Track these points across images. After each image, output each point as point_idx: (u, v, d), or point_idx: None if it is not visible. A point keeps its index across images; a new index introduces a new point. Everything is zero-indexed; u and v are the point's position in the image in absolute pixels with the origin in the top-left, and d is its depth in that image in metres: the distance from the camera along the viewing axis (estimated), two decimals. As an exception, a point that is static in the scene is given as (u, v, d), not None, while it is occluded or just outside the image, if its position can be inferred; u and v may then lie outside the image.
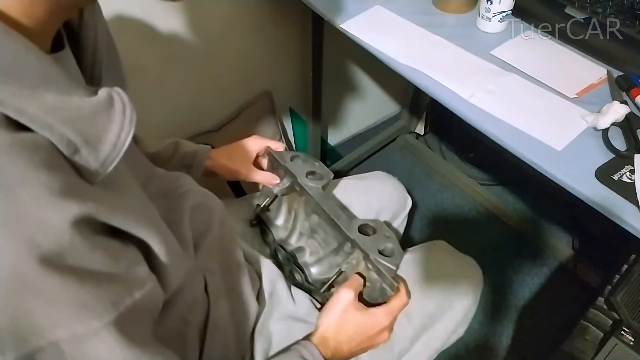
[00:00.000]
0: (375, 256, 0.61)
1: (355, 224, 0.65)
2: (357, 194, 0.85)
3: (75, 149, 0.31)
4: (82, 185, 0.31)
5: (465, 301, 0.77)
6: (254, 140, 0.78)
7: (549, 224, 1.50)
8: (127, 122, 0.34)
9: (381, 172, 0.97)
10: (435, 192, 1.62)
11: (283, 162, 0.73)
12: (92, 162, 0.32)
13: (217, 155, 0.77)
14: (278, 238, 0.76)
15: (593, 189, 0.62)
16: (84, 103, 0.32)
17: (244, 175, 0.76)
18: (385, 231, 0.65)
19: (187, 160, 0.75)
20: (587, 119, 0.69)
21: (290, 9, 1.14)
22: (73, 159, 0.31)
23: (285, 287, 0.69)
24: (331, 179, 0.73)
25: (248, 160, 0.77)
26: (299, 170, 0.72)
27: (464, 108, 0.73)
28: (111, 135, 0.33)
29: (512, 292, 1.36)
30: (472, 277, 0.80)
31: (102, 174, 0.33)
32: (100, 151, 0.32)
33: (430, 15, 0.91)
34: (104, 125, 0.33)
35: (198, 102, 1.13)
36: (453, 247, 0.87)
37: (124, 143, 0.34)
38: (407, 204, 0.96)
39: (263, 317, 0.66)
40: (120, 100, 0.34)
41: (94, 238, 0.31)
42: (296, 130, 1.45)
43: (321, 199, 0.68)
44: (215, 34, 1.04)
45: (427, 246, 0.86)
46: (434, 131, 1.79)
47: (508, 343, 1.26)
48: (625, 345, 0.68)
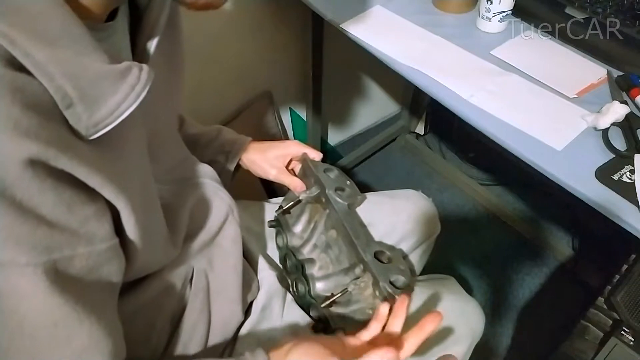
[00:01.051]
0: (385, 284, 0.59)
1: (372, 248, 0.63)
2: (382, 213, 0.80)
3: (70, 102, 0.32)
4: (58, 131, 0.32)
5: (460, 348, 0.72)
6: (294, 145, 0.76)
7: (549, 224, 1.50)
8: (133, 95, 0.35)
9: (414, 192, 0.88)
10: (435, 192, 1.62)
11: (316, 171, 0.71)
12: (85, 120, 0.33)
13: (252, 150, 0.76)
14: (291, 245, 0.74)
15: (593, 189, 0.62)
16: (94, 66, 0.34)
17: (274, 176, 0.74)
18: (401, 263, 0.63)
19: (227, 147, 0.75)
20: (587, 119, 0.69)
21: (290, 9, 1.14)
22: (66, 112, 0.32)
23: (280, 304, 0.68)
24: (359, 200, 0.71)
25: (281, 162, 0.75)
26: (329, 183, 0.70)
27: (464, 108, 0.73)
28: (111, 102, 0.34)
29: (512, 292, 1.36)
30: (474, 324, 0.76)
31: (91, 135, 0.34)
32: (95, 112, 0.33)
33: (430, 15, 0.91)
34: (107, 91, 0.34)
35: (198, 102, 1.12)
36: (461, 286, 0.82)
37: (122, 112, 0.35)
38: (436, 229, 0.88)
39: (248, 327, 0.65)
40: (137, 75, 0.36)
41: (47, 181, 0.32)
42: (296, 130, 1.45)
43: (345, 215, 0.67)
44: (215, 34, 1.04)
45: (435, 283, 0.79)
46: (434, 131, 1.79)
47: (508, 343, 1.26)
48: (625, 345, 0.68)
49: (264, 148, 0.76)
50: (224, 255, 0.61)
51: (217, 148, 0.75)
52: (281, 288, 0.70)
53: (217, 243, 0.61)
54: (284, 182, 0.74)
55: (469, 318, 0.75)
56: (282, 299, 0.69)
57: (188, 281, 0.57)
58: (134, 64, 0.37)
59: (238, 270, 0.62)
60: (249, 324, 0.65)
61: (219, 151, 0.75)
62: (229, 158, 0.75)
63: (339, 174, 0.74)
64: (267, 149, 0.76)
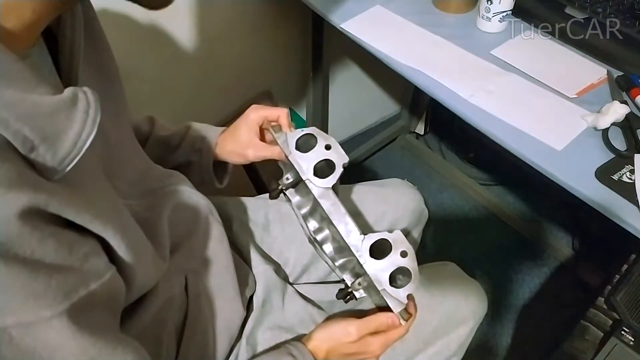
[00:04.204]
0: (385, 287, 0.57)
1: (367, 244, 0.58)
2: (372, 202, 0.81)
3: (32, 146, 0.31)
4: (36, 177, 0.31)
5: (462, 330, 0.73)
6: (252, 112, 0.69)
7: (549, 224, 1.50)
8: (89, 121, 0.34)
9: (400, 180, 0.90)
10: (435, 192, 1.62)
11: (287, 152, 0.63)
12: (50, 159, 0.32)
13: (222, 142, 0.71)
14: (302, 213, 0.68)
15: (593, 189, 0.62)
16: (44, 100, 0.32)
17: (252, 155, 0.69)
18: (402, 245, 0.58)
19: (198, 144, 0.71)
20: (587, 119, 0.69)
21: (290, 9, 1.14)
22: (30, 156, 0.31)
23: (280, 296, 0.68)
24: (345, 164, 0.64)
25: (253, 137, 0.69)
26: (305, 164, 0.62)
27: (464, 108, 0.73)
28: (72, 133, 0.33)
29: (512, 292, 1.36)
30: (476, 305, 0.76)
31: (60, 172, 0.33)
32: (59, 149, 0.32)
33: (430, 15, 0.91)
34: (65, 124, 0.33)
35: (198, 102, 1.13)
36: (462, 269, 0.82)
37: (85, 142, 0.34)
38: (423, 216, 0.90)
39: (252, 324, 0.65)
40: (85, 99, 0.34)
41: (45, 228, 0.31)
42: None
43: (330, 207, 0.60)
44: (215, 34, 1.04)
45: (436, 267, 0.81)
46: (434, 131, 1.79)
47: (508, 343, 1.26)
48: (625, 345, 0.68)
49: (232, 132, 0.71)
50: (213, 257, 0.61)
51: (188, 147, 0.71)
52: (279, 280, 0.70)
53: (204, 246, 0.61)
54: (266, 156, 0.69)
55: (471, 300, 0.76)
56: (281, 291, 0.69)
57: (184, 290, 0.57)
58: (77, 88, 0.35)
59: (230, 269, 0.62)
60: (252, 320, 0.65)
61: (191, 150, 0.71)
62: (202, 156, 0.70)
63: (316, 135, 0.64)
64: (234, 131, 0.70)
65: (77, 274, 0.34)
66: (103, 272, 0.37)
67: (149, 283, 0.50)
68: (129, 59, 0.92)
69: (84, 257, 0.35)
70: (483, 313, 0.78)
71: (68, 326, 0.33)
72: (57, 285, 0.32)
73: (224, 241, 0.63)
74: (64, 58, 0.42)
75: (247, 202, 0.80)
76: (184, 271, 0.58)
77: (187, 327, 0.56)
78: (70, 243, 0.34)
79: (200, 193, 0.62)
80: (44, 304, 0.31)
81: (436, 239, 1.42)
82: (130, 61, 0.92)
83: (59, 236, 0.33)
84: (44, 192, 0.31)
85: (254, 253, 0.71)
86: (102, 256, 0.38)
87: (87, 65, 0.45)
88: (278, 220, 0.78)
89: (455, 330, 0.73)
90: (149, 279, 0.50)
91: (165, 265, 0.53)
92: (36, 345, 0.32)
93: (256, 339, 0.65)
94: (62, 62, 0.42)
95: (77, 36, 0.43)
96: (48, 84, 0.33)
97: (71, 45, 0.42)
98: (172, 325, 0.55)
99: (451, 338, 0.73)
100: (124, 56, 0.52)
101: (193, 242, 0.59)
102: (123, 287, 0.41)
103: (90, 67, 0.47)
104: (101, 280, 0.36)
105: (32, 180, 0.31)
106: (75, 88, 0.35)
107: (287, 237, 0.77)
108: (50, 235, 0.32)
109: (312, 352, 0.57)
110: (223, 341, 0.60)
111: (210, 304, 0.59)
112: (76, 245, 0.34)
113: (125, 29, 0.89)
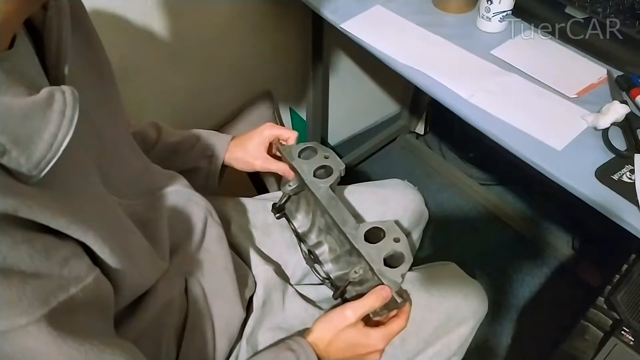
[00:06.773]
0: (379, 267, 0.58)
1: (362, 230, 0.62)
2: (371, 202, 0.82)
3: (4, 149, 0.30)
4: (6, 182, 0.31)
5: (462, 330, 0.74)
6: (267, 129, 0.74)
7: (549, 224, 1.50)
8: (65, 122, 0.33)
9: (400, 181, 0.91)
10: (435, 192, 1.62)
11: (291, 159, 0.71)
12: (24, 163, 0.31)
13: (232, 148, 0.75)
14: (301, 231, 0.74)
15: (593, 189, 0.62)
16: (16, 103, 0.31)
17: (259, 166, 0.74)
18: (395, 233, 0.62)
19: (209, 150, 0.74)
20: (587, 119, 0.69)
21: (290, 9, 1.14)
22: (1, 161, 0.30)
23: (280, 297, 0.68)
24: (342, 172, 0.70)
25: (262, 150, 0.74)
26: (307, 167, 0.69)
27: (464, 108, 0.73)
28: (47, 135, 0.32)
29: (512, 292, 1.36)
30: (476, 305, 0.76)
31: (37, 176, 0.32)
32: (34, 152, 0.31)
33: (430, 15, 0.91)
34: (38, 126, 0.32)
35: (198, 102, 1.13)
36: (462, 270, 0.82)
37: (62, 143, 0.33)
38: (423, 217, 0.90)
39: (252, 325, 0.65)
40: (62, 100, 0.34)
41: (17, 234, 0.31)
42: (296, 130, 1.44)
43: (329, 201, 0.65)
44: (215, 34, 1.04)
45: (436, 267, 0.82)
46: (434, 131, 1.79)
47: (508, 343, 1.26)
48: (625, 345, 0.68)
49: (243, 141, 0.75)
50: (212, 258, 0.61)
51: (199, 153, 0.74)
52: (279, 281, 0.70)
53: (203, 248, 0.61)
54: (271, 169, 0.74)
55: (471, 300, 0.76)
56: (282, 291, 0.69)
57: (183, 292, 0.57)
58: (54, 88, 0.34)
59: (230, 271, 0.62)
60: (252, 321, 0.65)
61: (201, 156, 0.74)
62: (212, 162, 0.74)
63: (316, 148, 0.73)
64: (246, 141, 0.75)
65: (55, 279, 0.33)
66: (85, 275, 0.36)
67: (146, 283, 0.50)
68: (128, 59, 0.92)
69: (63, 260, 0.34)
70: (483, 313, 0.78)
71: (48, 332, 0.32)
72: (32, 291, 0.31)
73: (223, 242, 0.63)
74: (51, 58, 0.41)
75: (247, 203, 0.81)
76: (184, 273, 0.58)
77: (186, 328, 0.56)
78: (47, 248, 0.33)
79: (199, 194, 0.63)
80: (19, 311, 0.31)
81: (436, 239, 1.41)
82: (129, 61, 0.92)
83: (34, 241, 0.32)
84: (13, 197, 0.30)
85: (254, 254, 0.71)
86: (84, 258, 0.37)
87: (78, 65, 0.45)
88: (277, 225, 0.79)
89: (455, 330, 0.73)
90: (147, 279, 0.50)
91: (164, 265, 0.53)
92: (15, 352, 0.31)
93: (256, 339, 0.65)
94: (49, 62, 0.41)
95: (64, 35, 0.42)
96: (23, 85, 0.33)
97: (57, 44, 0.41)
98: (172, 328, 0.55)
99: (451, 338, 0.73)
100: (122, 56, 0.52)
101: (192, 243, 0.59)
102: (110, 289, 0.41)
103: (81, 66, 0.46)
104: (82, 283, 0.36)
105: (4, 185, 0.30)
106: (53, 88, 0.34)
107: (287, 241, 0.78)
108: (23, 241, 0.31)
109: (313, 345, 0.57)
110: (223, 342, 0.60)
111: (209, 305, 0.59)
112: (54, 250, 0.34)
113: (125, 29, 0.89)
